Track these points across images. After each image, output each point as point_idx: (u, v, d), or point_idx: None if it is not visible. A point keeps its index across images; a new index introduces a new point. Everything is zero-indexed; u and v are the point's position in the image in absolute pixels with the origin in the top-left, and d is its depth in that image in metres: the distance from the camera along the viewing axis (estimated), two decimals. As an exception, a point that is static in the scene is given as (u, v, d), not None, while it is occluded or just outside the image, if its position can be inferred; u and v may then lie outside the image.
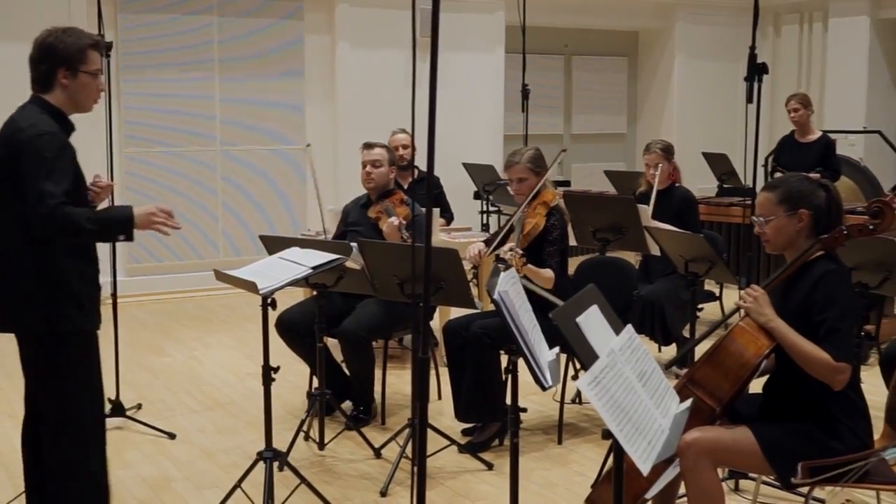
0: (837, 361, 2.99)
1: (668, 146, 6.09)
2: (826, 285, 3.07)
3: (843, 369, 3.00)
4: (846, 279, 3.18)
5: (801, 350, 3.03)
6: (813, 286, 3.09)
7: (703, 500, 3.08)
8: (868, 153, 10.27)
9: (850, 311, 3.09)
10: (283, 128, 9.13)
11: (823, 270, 3.10)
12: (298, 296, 5.89)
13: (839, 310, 3.03)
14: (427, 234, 2.40)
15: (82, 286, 3.30)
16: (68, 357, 3.30)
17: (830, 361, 2.99)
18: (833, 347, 3.00)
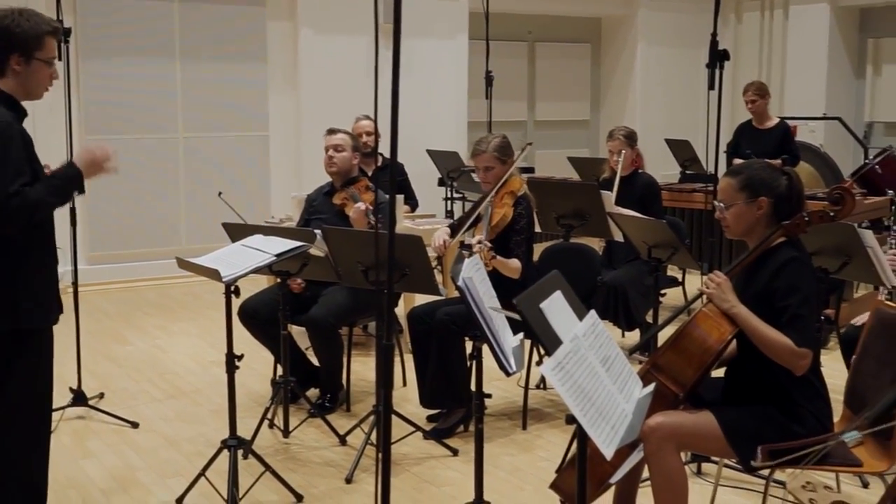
0: (800, 347, 3.03)
1: (631, 133, 6.12)
2: (788, 272, 3.10)
3: (805, 355, 3.04)
4: (808, 266, 3.21)
5: (763, 336, 3.06)
6: (775, 273, 3.12)
7: (667, 484, 3.11)
8: (828, 139, 10.37)
9: (812, 298, 3.12)
10: (246, 115, 9.06)
11: (786, 257, 3.13)
12: (262, 283, 5.86)
13: (801, 296, 3.07)
14: (391, 221, 2.39)
15: (41, 280, 3.24)
16: (19, 356, 3.22)
17: (793, 347, 3.02)
18: (795, 333, 3.03)
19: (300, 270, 4.53)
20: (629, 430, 2.30)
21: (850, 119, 10.53)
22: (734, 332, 3.12)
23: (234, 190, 8.98)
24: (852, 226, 4.55)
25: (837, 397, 3.39)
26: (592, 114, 11.93)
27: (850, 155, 10.67)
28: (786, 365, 3.06)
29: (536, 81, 11.44)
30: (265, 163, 9.15)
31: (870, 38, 11.15)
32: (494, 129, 8.39)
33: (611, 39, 11.79)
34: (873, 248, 4.38)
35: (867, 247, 4.38)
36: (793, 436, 3.03)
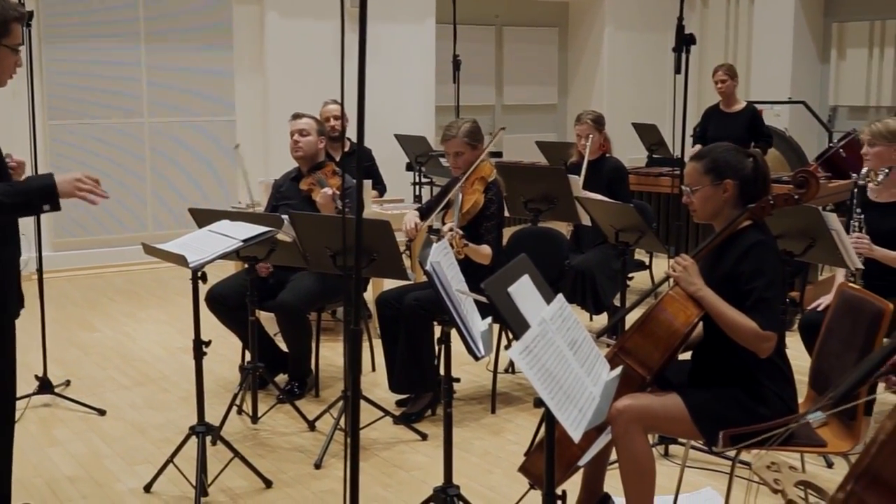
0: (764, 330, 3.05)
1: (599, 117, 6.13)
2: (754, 256, 3.12)
3: (769, 337, 3.07)
4: (774, 249, 3.23)
5: (728, 319, 3.09)
6: (741, 256, 3.14)
7: (634, 466, 3.13)
8: (793, 123, 10.45)
9: (778, 281, 3.15)
10: (212, 99, 8.99)
11: (752, 241, 3.15)
12: (230, 269, 5.83)
13: (766, 280, 3.09)
14: (358, 205, 2.39)
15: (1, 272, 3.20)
16: None
17: (758, 330, 3.05)
18: (760, 316, 3.06)
19: (268, 256, 4.52)
20: (597, 413, 2.32)
21: (814, 103, 10.61)
22: (700, 315, 3.14)
23: (201, 175, 8.96)
24: (817, 209, 4.59)
25: (802, 378, 3.43)
26: (560, 98, 11.94)
27: (815, 139, 10.76)
28: (750, 347, 3.09)
29: (504, 65, 11.43)
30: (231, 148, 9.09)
31: (834, 22, 11.23)
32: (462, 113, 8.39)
33: (578, 23, 11.80)
34: (837, 231, 4.42)
35: (831, 229, 4.42)
36: (758, 417, 3.06)
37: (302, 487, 4.07)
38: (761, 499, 3.10)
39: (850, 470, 1.77)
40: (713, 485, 3.99)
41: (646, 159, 9.33)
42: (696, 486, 3.98)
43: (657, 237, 5.03)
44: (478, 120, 5.03)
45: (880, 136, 4.40)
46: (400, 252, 4.41)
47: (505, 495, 3.88)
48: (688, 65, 4.81)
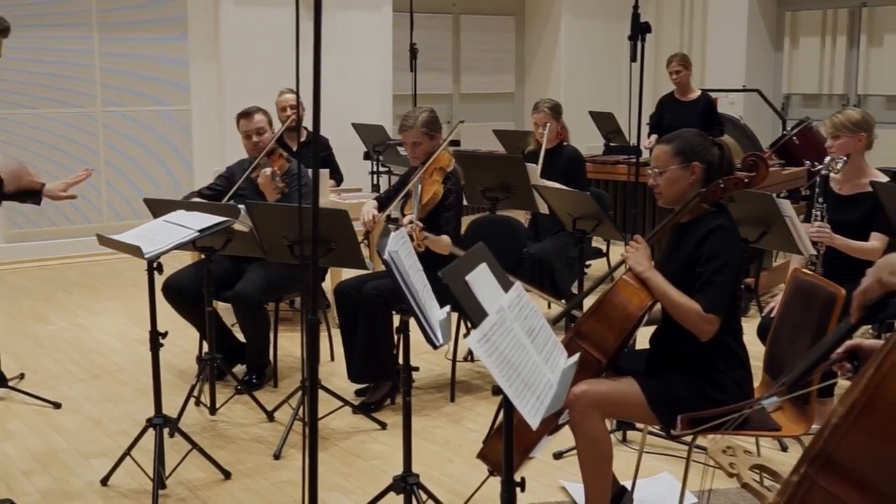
0: (707, 312, 3.08)
1: (556, 105, 6.15)
2: (712, 240, 3.15)
3: (710, 320, 3.09)
4: (733, 234, 3.25)
5: (671, 299, 3.11)
6: (700, 240, 3.17)
7: (592, 450, 3.16)
8: (747, 111, 10.56)
9: (732, 266, 3.16)
10: (167, 88, 8.89)
11: (712, 225, 3.18)
12: (186, 260, 5.79)
13: (719, 263, 3.12)
14: (314, 195, 2.38)
15: None
16: None
17: (700, 311, 3.08)
18: (704, 298, 3.09)
19: (224, 246, 4.49)
20: (555, 399, 2.33)
21: (768, 91, 10.72)
22: (654, 299, 3.17)
23: (157, 166, 8.87)
24: (771, 196, 4.65)
25: (757, 363, 3.47)
26: (517, 86, 11.96)
27: (769, 126, 10.87)
28: (691, 329, 3.11)
29: (461, 54, 11.42)
30: (187, 137, 9.01)
31: (787, 11, 11.34)
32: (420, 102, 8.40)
33: (535, 12, 11.81)
34: (791, 218, 4.48)
35: (785, 216, 4.48)
36: (714, 402, 3.09)
37: (261, 478, 4.05)
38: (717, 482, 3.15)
39: (804, 453, 1.79)
40: (670, 469, 4.03)
41: (603, 147, 9.37)
42: (654, 472, 4.01)
43: (614, 225, 5.06)
44: (435, 109, 5.02)
45: (843, 127, 4.44)
46: (358, 241, 4.40)
47: (465, 483, 3.89)
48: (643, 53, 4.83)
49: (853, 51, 10.76)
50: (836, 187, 4.57)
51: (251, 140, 5.23)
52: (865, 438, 1.72)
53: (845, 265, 4.31)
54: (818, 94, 11.11)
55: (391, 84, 10.07)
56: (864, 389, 1.72)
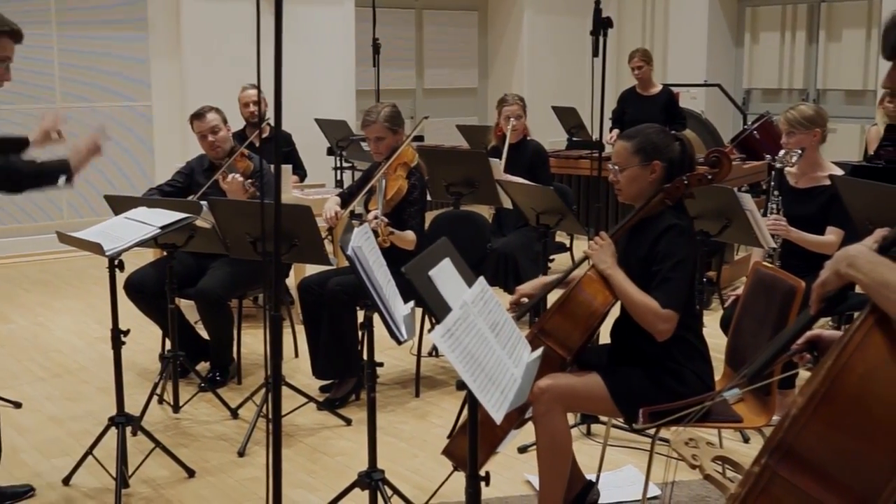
0: (663, 308, 3.09)
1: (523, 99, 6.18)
2: (667, 238, 3.16)
3: (667, 317, 3.10)
4: (688, 232, 3.26)
5: (631, 298, 3.12)
6: (656, 239, 3.18)
7: (552, 445, 3.17)
8: (709, 106, 10.63)
9: (687, 263, 3.16)
10: (127, 84, 8.81)
11: (667, 224, 3.19)
12: (148, 257, 5.74)
13: (674, 261, 3.12)
14: (276, 191, 2.36)
15: None
16: None
17: (657, 308, 3.08)
18: (661, 295, 3.10)
19: (187, 242, 4.46)
20: (518, 394, 2.33)
21: (729, 86, 10.80)
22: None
23: (118, 162, 8.78)
24: (732, 190, 4.68)
25: (719, 356, 3.50)
26: (480, 81, 11.97)
27: (730, 121, 10.97)
28: (648, 327, 3.11)
29: (424, 49, 11.41)
30: (148, 134, 8.93)
31: (748, 6, 11.44)
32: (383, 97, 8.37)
33: (497, 7, 11.83)
34: (752, 211, 4.51)
35: (746, 210, 4.51)
36: (676, 395, 3.12)
37: (225, 476, 4.03)
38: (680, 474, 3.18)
39: (765, 444, 1.81)
40: (634, 462, 4.06)
41: (566, 142, 9.40)
42: (618, 464, 4.04)
43: (577, 219, 5.08)
44: (399, 104, 5.01)
45: (798, 123, 4.48)
46: (321, 237, 4.39)
47: (430, 478, 3.90)
48: (605, 48, 4.85)
49: (812, 46, 10.87)
50: (792, 181, 4.62)
51: (207, 140, 5.19)
52: (825, 429, 1.75)
53: (802, 258, 4.36)
54: (778, 88, 11.21)
55: (354, 79, 10.04)
56: (823, 381, 1.74)
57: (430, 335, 2.21)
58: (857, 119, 10.21)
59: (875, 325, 1.75)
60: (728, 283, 6.73)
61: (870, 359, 1.73)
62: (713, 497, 3.68)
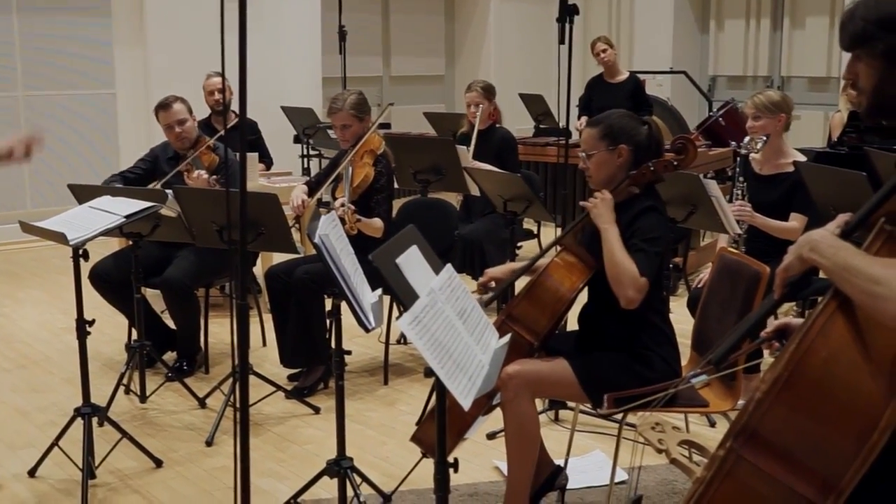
0: (641, 275, 3.08)
1: (489, 86, 6.16)
2: (646, 217, 3.17)
3: (641, 286, 3.08)
4: (663, 215, 3.28)
5: (616, 255, 3.10)
6: (631, 221, 3.18)
7: (519, 430, 3.18)
8: (675, 93, 10.68)
9: (660, 241, 3.18)
10: (90, 71, 8.72)
11: (642, 206, 3.21)
12: (113, 246, 5.69)
13: (650, 236, 3.14)
14: (242, 179, 2.35)
15: None
16: None
17: (636, 273, 3.08)
18: (638, 261, 3.09)
19: (152, 232, 4.42)
20: (486, 380, 2.34)
21: (695, 73, 10.86)
22: (585, 281, 3.20)
23: (81, 151, 8.69)
24: (697, 176, 4.72)
25: (685, 341, 3.52)
26: (448, 69, 11.96)
27: (696, 107, 11.03)
28: (621, 291, 3.09)
29: (391, 36, 11.36)
30: (112, 121, 8.85)
31: (713, -7, 11.50)
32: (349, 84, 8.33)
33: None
34: (717, 198, 4.55)
35: (712, 196, 4.55)
36: (643, 380, 3.13)
37: (193, 465, 4.02)
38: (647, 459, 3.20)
39: (730, 428, 1.83)
40: (602, 447, 4.08)
41: (533, 129, 9.42)
42: (586, 450, 4.06)
43: (544, 206, 5.09)
44: (366, 91, 5.00)
45: (764, 108, 4.52)
46: (288, 226, 4.37)
47: (399, 465, 3.90)
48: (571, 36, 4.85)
49: (777, 33, 10.95)
50: (757, 168, 4.65)
51: (174, 131, 5.16)
52: (788, 412, 1.77)
53: (767, 243, 4.40)
54: (743, 75, 11.28)
55: (320, 67, 9.99)
56: (787, 365, 1.76)
57: (398, 323, 2.21)
58: (821, 106, 10.30)
59: (837, 309, 1.77)
60: (694, 268, 6.78)
61: (832, 343, 1.75)
62: (680, 481, 3.72)
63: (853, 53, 1.96)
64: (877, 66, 1.92)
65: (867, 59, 1.93)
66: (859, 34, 1.93)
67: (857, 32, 1.93)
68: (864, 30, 1.92)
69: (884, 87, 1.92)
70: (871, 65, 1.93)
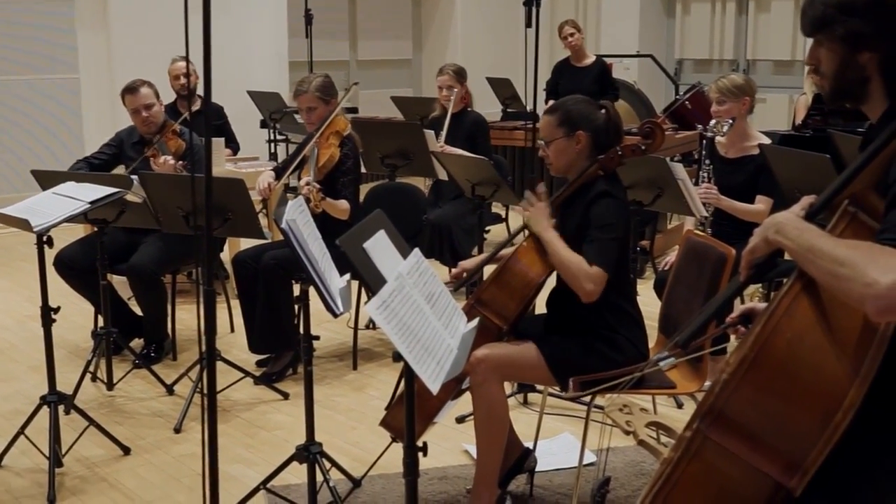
0: (591, 265, 3.08)
1: (461, 69, 6.15)
2: (598, 204, 3.18)
3: (595, 276, 3.08)
4: (620, 200, 3.27)
5: (560, 255, 3.11)
6: (588, 206, 3.19)
7: (488, 414, 3.19)
8: (641, 77, 10.72)
9: (615, 228, 3.16)
10: (53, 55, 8.61)
11: (598, 191, 3.21)
12: (79, 232, 5.64)
13: (602, 223, 3.14)
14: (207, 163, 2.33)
15: None
16: None
17: (584, 265, 3.08)
18: (588, 253, 3.10)
19: (118, 218, 4.38)
20: (454, 364, 2.34)
21: (661, 57, 10.89)
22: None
23: (45, 136, 8.59)
24: (664, 159, 4.74)
25: (652, 324, 3.54)
26: (415, 53, 11.91)
27: (663, 91, 11.06)
28: (577, 288, 3.10)
29: (357, 20, 11.30)
30: (76, 106, 8.74)
31: (679, -23, 11.54)
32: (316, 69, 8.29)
33: (431, -23, 11.77)
34: (684, 181, 4.57)
35: (678, 179, 4.57)
36: (611, 362, 3.15)
37: (161, 453, 4.00)
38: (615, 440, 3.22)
39: (696, 409, 1.84)
40: (571, 430, 4.11)
41: (500, 113, 9.42)
42: (555, 432, 4.08)
43: (512, 190, 5.10)
44: (333, 75, 4.97)
45: (728, 92, 4.54)
46: (255, 211, 4.35)
47: (368, 450, 3.90)
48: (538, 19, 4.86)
49: (742, 17, 11.00)
50: (722, 151, 4.68)
51: (140, 115, 5.11)
52: (754, 393, 1.78)
53: (733, 226, 4.43)
54: (709, 59, 11.34)
55: (287, 51, 9.92)
56: (752, 346, 1.78)
57: (366, 307, 2.20)
58: (786, 89, 10.37)
59: (802, 290, 1.79)
60: (661, 251, 6.81)
61: (797, 324, 1.77)
62: (648, 462, 3.75)
63: (815, 38, 1.98)
64: (837, 51, 1.93)
65: (828, 44, 1.95)
66: (820, 18, 1.94)
67: (818, 17, 1.94)
68: (824, 14, 1.93)
69: (844, 71, 1.94)
70: (831, 49, 1.94)
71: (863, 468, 1.84)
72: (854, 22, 1.89)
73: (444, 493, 3.61)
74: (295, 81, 4.93)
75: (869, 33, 1.88)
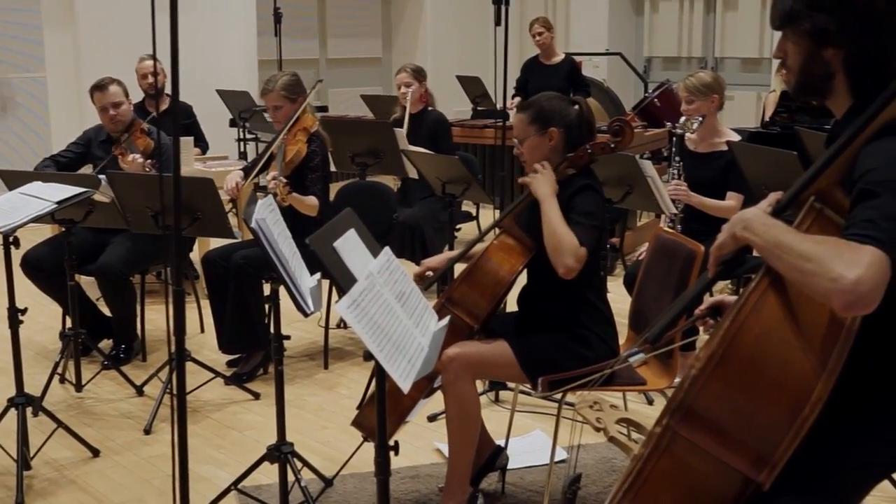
0: (581, 244, 3.08)
1: (419, 68, 6.15)
2: (583, 195, 3.19)
3: (580, 256, 3.07)
4: (599, 192, 3.30)
5: (555, 225, 3.09)
6: (568, 200, 3.19)
7: (460, 412, 3.20)
8: (611, 74, 10.75)
9: (597, 217, 3.19)
10: (20, 54, 8.52)
11: (582, 184, 3.22)
12: (46, 233, 5.59)
13: (587, 211, 3.14)
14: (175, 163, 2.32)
15: None
16: None
17: (576, 242, 3.07)
18: (578, 231, 3.09)
19: (85, 218, 4.34)
20: (425, 363, 2.34)
21: (630, 54, 10.93)
22: (524, 263, 3.22)
23: (12, 136, 8.50)
24: (633, 157, 4.76)
25: (623, 320, 3.56)
26: (385, 52, 11.89)
27: (632, 89, 11.11)
28: (559, 259, 3.08)
29: (327, 18, 11.27)
30: (43, 106, 8.66)
31: (647, -25, 11.58)
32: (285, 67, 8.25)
33: (400, -24, 11.76)
34: (653, 178, 4.59)
35: (647, 176, 4.59)
36: (582, 359, 3.15)
37: (131, 454, 3.97)
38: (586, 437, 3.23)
39: (666, 405, 1.86)
40: (542, 427, 4.12)
41: (470, 112, 9.42)
42: (527, 430, 4.09)
43: (483, 188, 5.11)
44: (302, 74, 4.96)
45: (696, 90, 4.57)
46: (225, 210, 4.33)
47: (340, 449, 3.89)
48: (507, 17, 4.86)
49: (710, 15, 11.06)
50: (692, 146, 4.72)
51: (108, 113, 5.07)
52: (722, 389, 1.79)
53: (704, 222, 4.46)
54: (678, 56, 11.39)
55: (256, 49, 9.87)
56: (721, 342, 1.79)
57: (337, 306, 2.20)
58: (754, 87, 10.44)
59: (769, 286, 1.80)
60: (631, 248, 6.84)
61: (764, 320, 1.79)
62: (618, 459, 3.76)
63: (783, 32, 2.00)
64: (803, 45, 1.96)
65: (794, 38, 1.97)
66: (787, 13, 1.97)
67: (786, 11, 1.97)
68: (792, 8, 1.96)
69: (809, 65, 1.97)
70: (798, 43, 1.97)
71: (830, 461, 1.86)
72: (820, 18, 1.91)
73: (416, 492, 3.61)
74: (264, 80, 4.91)
75: (834, 30, 1.91)
